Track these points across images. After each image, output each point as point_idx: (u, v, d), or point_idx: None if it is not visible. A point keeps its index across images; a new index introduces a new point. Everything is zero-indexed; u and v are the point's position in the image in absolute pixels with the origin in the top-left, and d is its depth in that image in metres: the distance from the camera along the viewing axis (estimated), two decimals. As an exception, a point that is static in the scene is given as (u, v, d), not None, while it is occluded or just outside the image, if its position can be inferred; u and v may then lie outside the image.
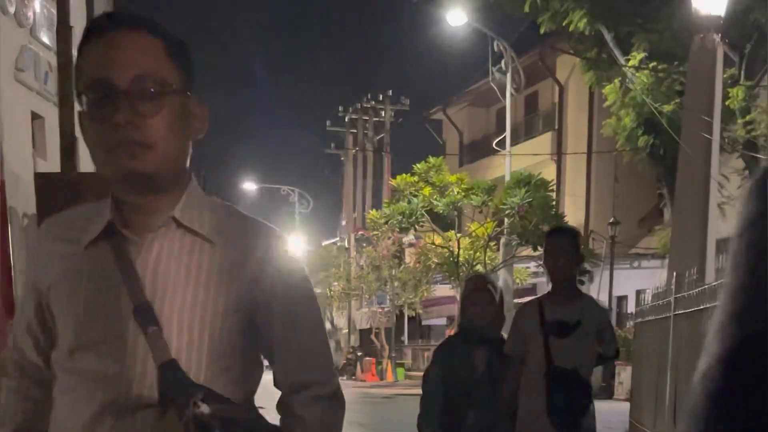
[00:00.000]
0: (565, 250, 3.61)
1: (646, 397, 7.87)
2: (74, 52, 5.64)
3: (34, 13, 7.23)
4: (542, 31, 15.26)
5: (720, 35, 8.89)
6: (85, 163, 8.45)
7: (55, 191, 6.43)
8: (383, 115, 35.55)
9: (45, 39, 7.28)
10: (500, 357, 3.61)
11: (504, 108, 21.61)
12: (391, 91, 35.66)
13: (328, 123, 36.89)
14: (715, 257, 8.37)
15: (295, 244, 38.82)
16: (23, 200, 6.61)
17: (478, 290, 3.67)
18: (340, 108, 36.23)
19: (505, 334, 3.79)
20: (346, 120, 36.54)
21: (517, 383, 3.59)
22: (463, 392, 3.57)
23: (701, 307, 6.14)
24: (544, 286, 17.80)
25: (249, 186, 38.50)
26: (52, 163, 6.78)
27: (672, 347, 6.81)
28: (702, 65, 9.16)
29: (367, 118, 36.02)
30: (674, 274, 7.12)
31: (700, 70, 9.22)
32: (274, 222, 1.57)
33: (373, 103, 35.64)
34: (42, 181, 6.63)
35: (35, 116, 7.20)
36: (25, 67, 7.03)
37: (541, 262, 18.52)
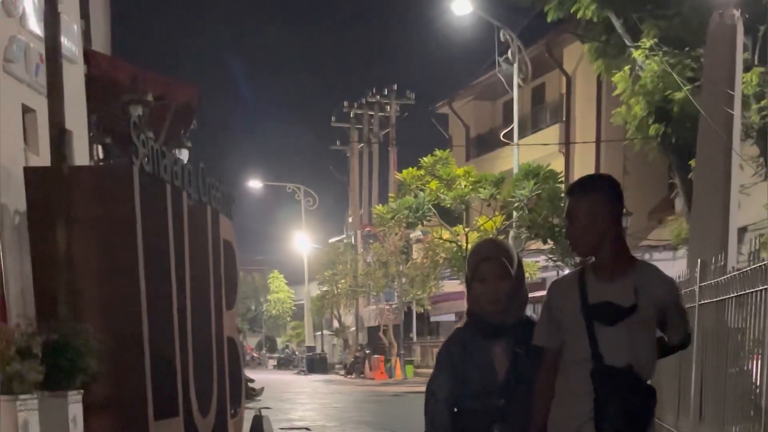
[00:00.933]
0: (601, 203, 2.63)
1: (668, 392, 7.59)
2: (63, 41, 5.25)
3: (24, 2, 6.95)
4: (549, 19, 14.96)
5: (740, 11, 8.62)
6: (78, 157, 8.21)
7: (46, 186, 6.17)
8: (389, 110, 35.38)
9: (35, 29, 6.98)
10: (528, 348, 2.74)
11: (510, 101, 21.37)
12: (396, 86, 35.55)
13: (333, 119, 36.81)
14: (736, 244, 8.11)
15: (302, 242, 38.76)
16: (15, 198, 6.36)
17: (488, 261, 2.74)
18: (345, 104, 36.11)
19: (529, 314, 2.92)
20: (351, 115, 36.42)
21: (551, 384, 2.75)
22: (484, 403, 2.76)
23: (730, 295, 5.86)
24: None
25: (254, 184, 38.36)
26: (46, 159, 6.50)
27: (697, 338, 6.55)
28: (721, 42, 8.89)
29: (372, 113, 35.86)
30: (699, 261, 6.83)
31: (719, 47, 8.96)
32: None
33: (378, 98, 35.49)
34: (31, 175, 6.34)
35: (26, 109, 6.91)
36: (15, 58, 6.73)
37: (552, 256, 18.22)
